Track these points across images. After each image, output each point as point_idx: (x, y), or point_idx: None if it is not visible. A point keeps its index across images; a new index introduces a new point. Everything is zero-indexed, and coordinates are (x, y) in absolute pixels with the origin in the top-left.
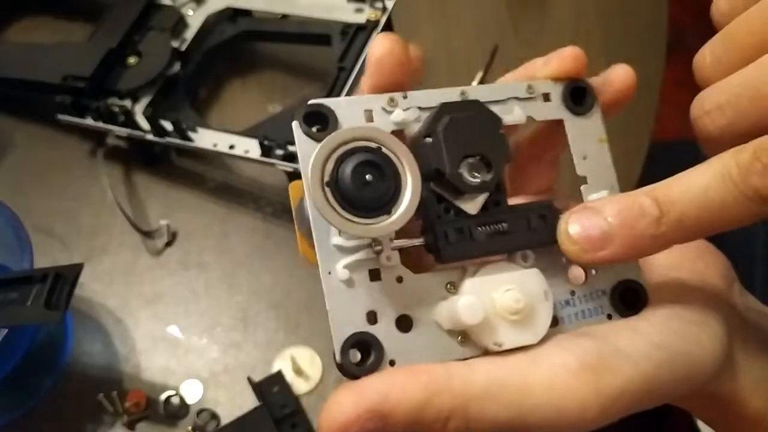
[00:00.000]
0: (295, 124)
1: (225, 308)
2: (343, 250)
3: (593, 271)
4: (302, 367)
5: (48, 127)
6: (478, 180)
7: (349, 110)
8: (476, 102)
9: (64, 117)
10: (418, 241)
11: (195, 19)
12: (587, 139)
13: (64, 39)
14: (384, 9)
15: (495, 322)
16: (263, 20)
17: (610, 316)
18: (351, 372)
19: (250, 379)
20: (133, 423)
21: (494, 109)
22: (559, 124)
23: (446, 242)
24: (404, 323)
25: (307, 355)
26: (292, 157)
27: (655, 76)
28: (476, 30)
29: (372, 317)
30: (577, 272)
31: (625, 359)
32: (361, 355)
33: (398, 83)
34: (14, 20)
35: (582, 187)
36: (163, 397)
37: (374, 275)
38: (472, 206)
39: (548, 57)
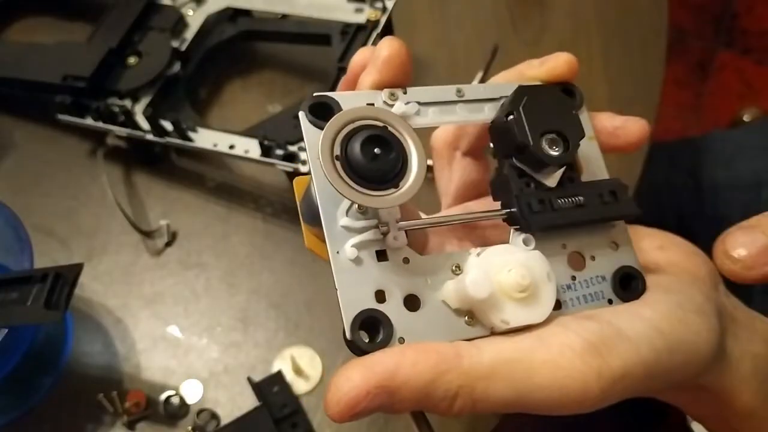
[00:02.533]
0: (301, 114)
1: (225, 308)
2: (351, 231)
3: (592, 258)
4: (302, 367)
5: (48, 127)
6: (558, 153)
7: (353, 102)
8: (550, 86)
9: (64, 117)
10: (422, 224)
11: (195, 19)
12: None
13: (64, 39)
14: (384, 9)
15: (502, 300)
16: (263, 20)
17: (611, 301)
18: (362, 348)
19: (250, 379)
20: (133, 423)
21: (487, 107)
22: None
23: (530, 212)
24: (412, 303)
25: (307, 355)
26: (292, 157)
27: (655, 76)
28: (476, 30)
29: (380, 296)
30: (575, 258)
31: (628, 343)
32: (371, 333)
33: (399, 82)
34: (14, 20)
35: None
36: (163, 397)
37: (381, 256)
38: (551, 180)
39: (544, 59)
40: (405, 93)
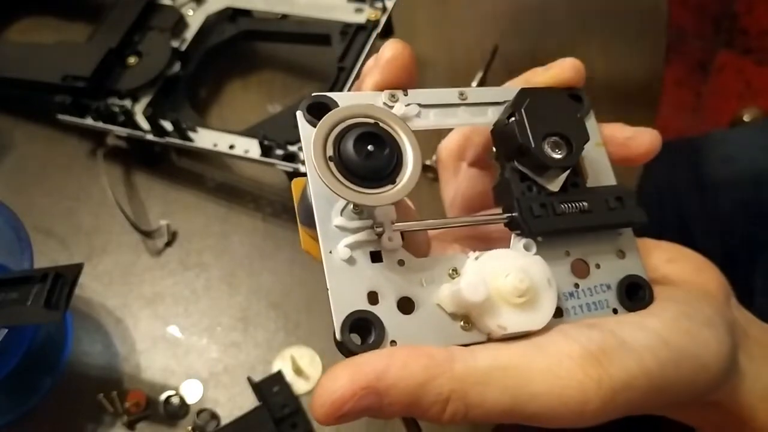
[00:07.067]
0: (299, 114)
1: (225, 308)
2: (345, 230)
3: (597, 266)
4: (302, 367)
5: (48, 127)
6: (560, 156)
7: (352, 103)
8: (555, 89)
9: (64, 117)
10: (418, 226)
11: (195, 19)
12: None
13: (64, 39)
14: (384, 9)
15: (499, 305)
16: (263, 20)
17: (615, 311)
18: (351, 350)
19: (250, 379)
20: (133, 423)
21: (490, 111)
22: None
23: (531, 216)
24: (406, 305)
25: (307, 355)
26: (292, 157)
27: (655, 76)
28: (476, 30)
29: (373, 298)
30: (579, 266)
31: (630, 353)
32: (362, 335)
33: (402, 84)
34: (14, 20)
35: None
36: (163, 397)
37: (375, 257)
38: (553, 185)
39: (549, 65)
40: (406, 95)
